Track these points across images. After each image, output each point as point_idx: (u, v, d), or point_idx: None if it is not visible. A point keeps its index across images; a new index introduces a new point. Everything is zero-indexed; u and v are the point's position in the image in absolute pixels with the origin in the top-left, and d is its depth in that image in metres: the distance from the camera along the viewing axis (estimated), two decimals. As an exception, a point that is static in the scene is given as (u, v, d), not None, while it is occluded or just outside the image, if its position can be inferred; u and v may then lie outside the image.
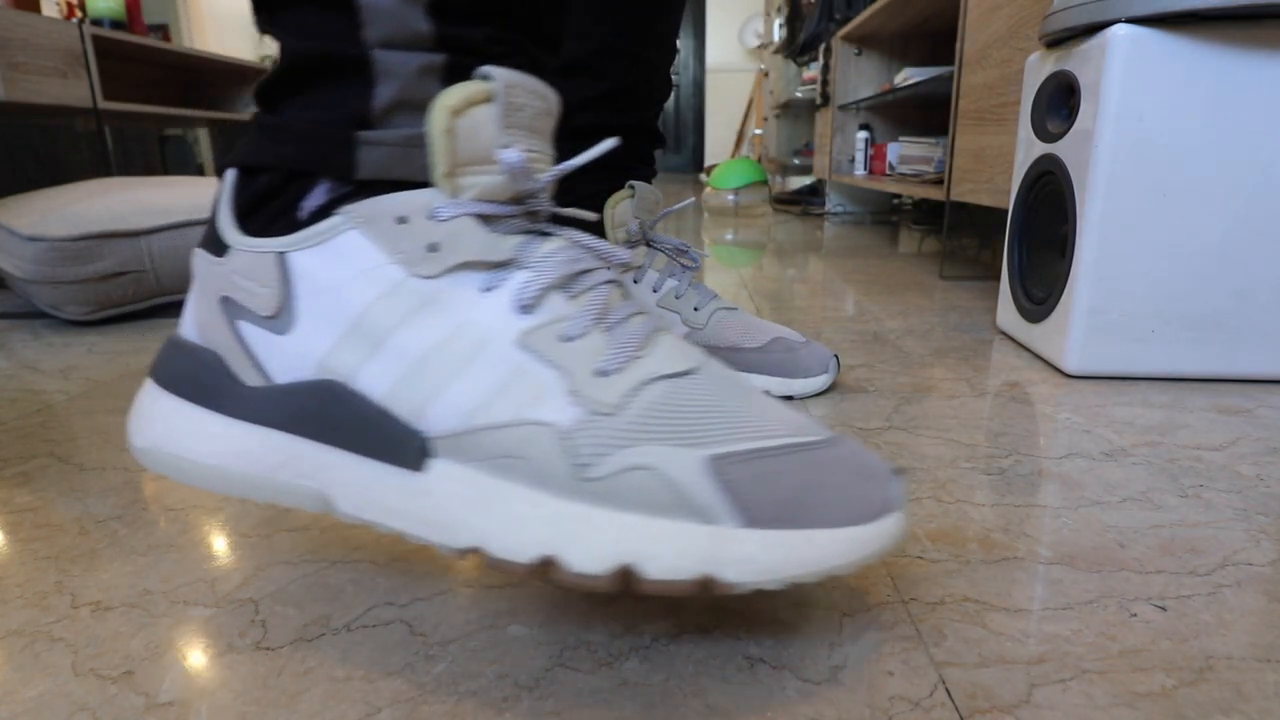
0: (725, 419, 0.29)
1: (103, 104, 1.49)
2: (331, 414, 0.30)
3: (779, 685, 0.27)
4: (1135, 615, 0.31)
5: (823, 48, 2.45)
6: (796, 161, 3.26)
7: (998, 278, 1.18)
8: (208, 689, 0.27)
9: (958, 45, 1.19)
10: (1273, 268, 0.61)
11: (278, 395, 0.31)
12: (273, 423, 0.31)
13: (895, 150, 2.02)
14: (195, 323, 0.32)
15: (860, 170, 2.26)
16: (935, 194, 1.39)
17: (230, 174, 0.32)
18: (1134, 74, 0.59)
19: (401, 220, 0.29)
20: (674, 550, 0.26)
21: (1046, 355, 0.69)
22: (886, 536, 0.28)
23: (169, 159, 2.23)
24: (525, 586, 0.34)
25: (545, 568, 0.27)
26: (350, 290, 0.29)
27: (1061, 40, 0.68)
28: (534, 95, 0.31)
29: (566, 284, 0.31)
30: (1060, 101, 0.69)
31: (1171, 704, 0.26)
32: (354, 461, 0.30)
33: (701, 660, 0.29)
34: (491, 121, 0.29)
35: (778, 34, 3.30)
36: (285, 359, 0.30)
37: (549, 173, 0.31)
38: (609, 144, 0.32)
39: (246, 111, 2.17)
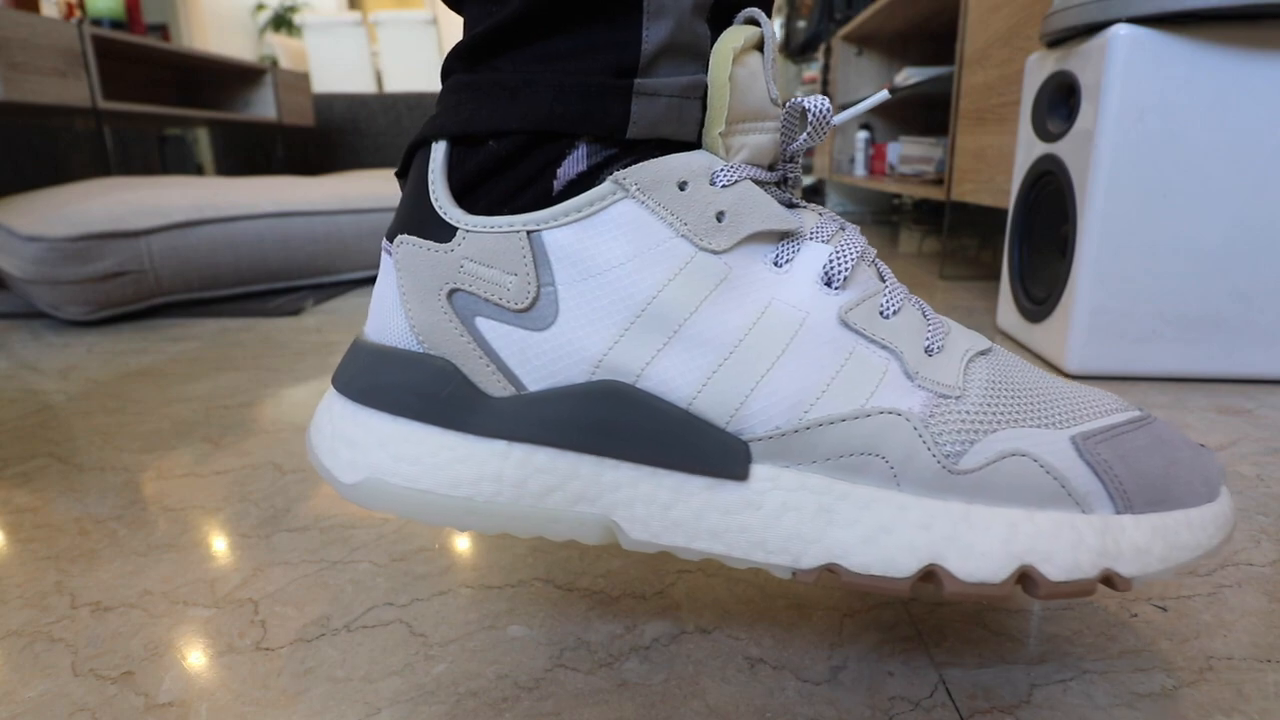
0: (1058, 395, 0.26)
1: (102, 104, 1.49)
2: (618, 422, 0.25)
3: (779, 685, 0.27)
4: (1135, 615, 0.31)
5: (823, 48, 2.45)
6: (796, 161, 3.26)
7: (998, 278, 1.18)
8: (208, 689, 0.27)
9: (958, 45, 1.19)
10: (1273, 268, 0.61)
11: (538, 404, 0.25)
12: (535, 438, 0.25)
13: (895, 150, 2.02)
14: (410, 325, 0.26)
15: (860, 170, 2.26)
16: (935, 194, 1.39)
17: (440, 146, 0.26)
18: (1134, 74, 0.59)
19: (682, 186, 0.25)
20: (1069, 545, 0.23)
21: (1047, 355, 0.69)
22: (1233, 511, 0.26)
23: (168, 159, 2.23)
24: (524, 587, 0.34)
25: (927, 579, 0.24)
26: (633, 270, 0.24)
27: (1061, 40, 0.68)
28: (774, 45, 0.27)
29: (865, 256, 0.27)
30: (1060, 101, 0.69)
31: (1172, 704, 0.26)
32: (650, 476, 0.25)
33: (701, 660, 0.29)
34: (762, 71, 0.26)
35: (777, 34, 3.30)
36: (545, 360, 0.25)
37: (828, 105, 0.27)
38: (882, 95, 0.29)
39: (246, 111, 2.17)
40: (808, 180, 3.08)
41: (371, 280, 1.20)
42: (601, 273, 0.25)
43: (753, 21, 0.26)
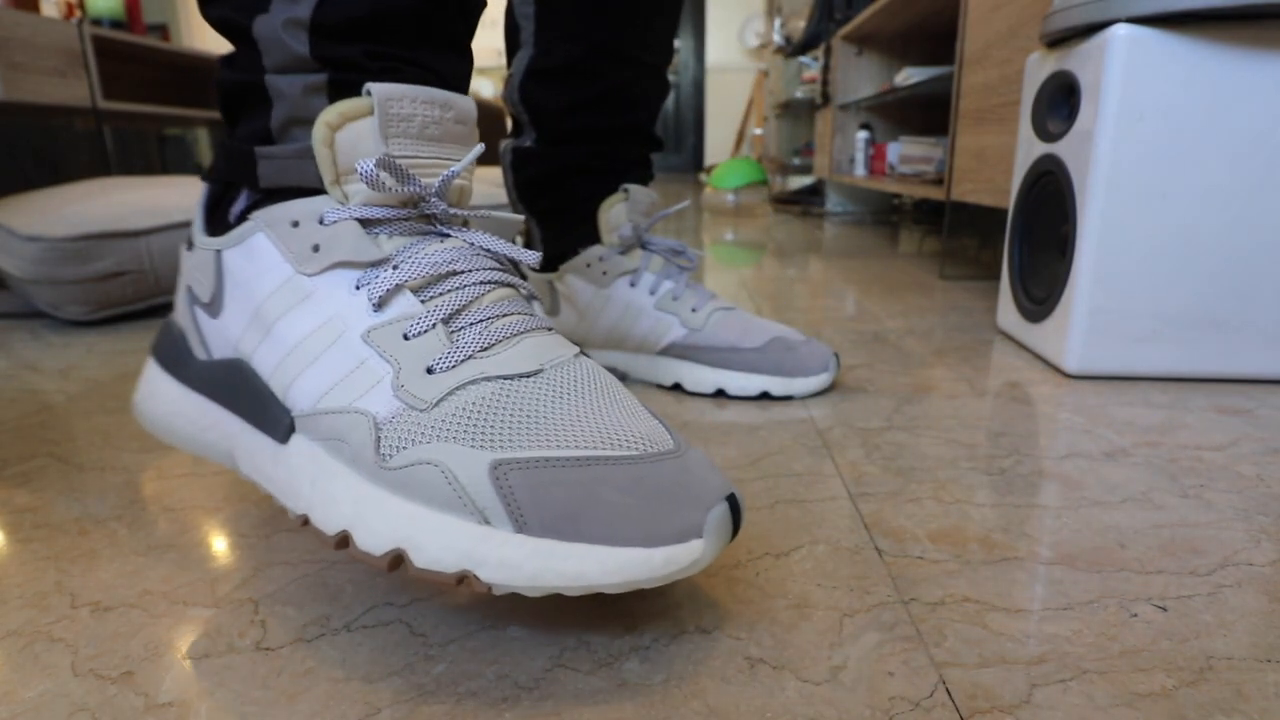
0: (534, 424, 0.29)
1: (102, 104, 1.49)
2: (237, 387, 0.35)
3: (779, 685, 0.27)
4: (1136, 615, 0.31)
5: (823, 47, 2.45)
6: (796, 161, 3.26)
7: (998, 278, 1.18)
8: (208, 689, 0.27)
9: (958, 45, 1.19)
10: (1273, 268, 0.61)
11: (211, 368, 0.36)
12: (205, 391, 0.36)
13: (895, 150, 2.02)
14: (175, 304, 0.39)
15: (860, 170, 2.26)
16: (935, 194, 1.39)
17: (203, 186, 0.38)
18: (1134, 74, 0.59)
19: (295, 224, 0.33)
20: (440, 543, 0.27)
21: (1047, 355, 0.69)
22: (672, 562, 0.27)
23: (168, 159, 2.23)
24: (525, 586, 0.34)
25: (342, 542, 0.29)
26: (255, 283, 0.34)
27: (1061, 40, 0.68)
28: (427, 105, 0.33)
29: (428, 284, 0.33)
30: (1060, 101, 0.69)
31: (1172, 704, 0.26)
32: (248, 430, 0.34)
33: (701, 660, 0.29)
34: (370, 134, 0.32)
35: (778, 34, 3.30)
36: (217, 338, 0.36)
37: (442, 176, 0.33)
38: (478, 149, 0.35)
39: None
40: (808, 180, 3.08)
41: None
42: (242, 283, 0.34)
43: (369, 93, 0.32)
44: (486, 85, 5.32)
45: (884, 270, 1.30)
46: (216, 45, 3.89)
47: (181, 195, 1.02)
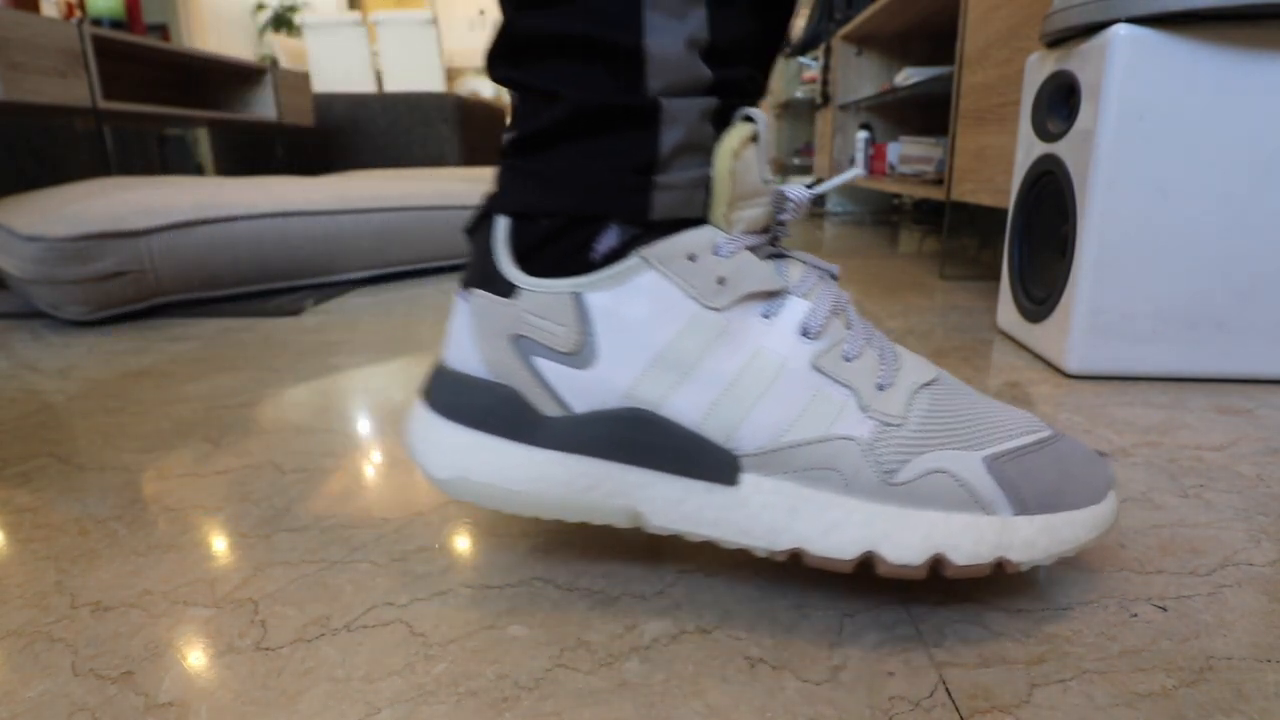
0: (982, 421, 0.33)
1: (102, 104, 1.49)
2: (642, 438, 0.32)
3: (779, 685, 0.27)
4: (1135, 615, 0.31)
5: (823, 47, 2.45)
6: (796, 161, 3.26)
7: (998, 278, 1.18)
8: (208, 689, 0.27)
9: (958, 45, 1.19)
10: (1273, 267, 0.61)
11: (582, 424, 0.32)
12: (579, 449, 0.33)
13: (895, 150, 2.02)
14: (483, 360, 0.33)
15: (860, 170, 2.26)
16: (935, 194, 1.39)
17: (503, 221, 0.33)
18: (1134, 74, 0.59)
19: (691, 258, 0.31)
20: (973, 540, 0.30)
21: (1047, 355, 0.69)
22: (1114, 511, 0.33)
23: (168, 159, 2.23)
24: (524, 587, 0.34)
25: (866, 562, 0.31)
26: (653, 325, 0.31)
27: (1062, 40, 0.68)
28: (765, 129, 0.33)
29: (836, 307, 0.34)
30: (1060, 101, 0.69)
31: (1172, 704, 0.26)
32: (664, 480, 0.32)
33: (701, 660, 0.29)
34: (757, 159, 0.32)
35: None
36: (587, 391, 0.32)
37: (807, 193, 0.34)
38: (856, 172, 0.36)
39: (246, 111, 2.17)
40: (807, 179, 3.08)
41: (371, 280, 1.20)
42: (629, 326, 0.32)
43: (749, 118, 0.32)
44: (486, 86, 5.32)
45: (884, 270, 1.30)
46: (217, 45, 3.89)
47: (181, 195, 1.02)
